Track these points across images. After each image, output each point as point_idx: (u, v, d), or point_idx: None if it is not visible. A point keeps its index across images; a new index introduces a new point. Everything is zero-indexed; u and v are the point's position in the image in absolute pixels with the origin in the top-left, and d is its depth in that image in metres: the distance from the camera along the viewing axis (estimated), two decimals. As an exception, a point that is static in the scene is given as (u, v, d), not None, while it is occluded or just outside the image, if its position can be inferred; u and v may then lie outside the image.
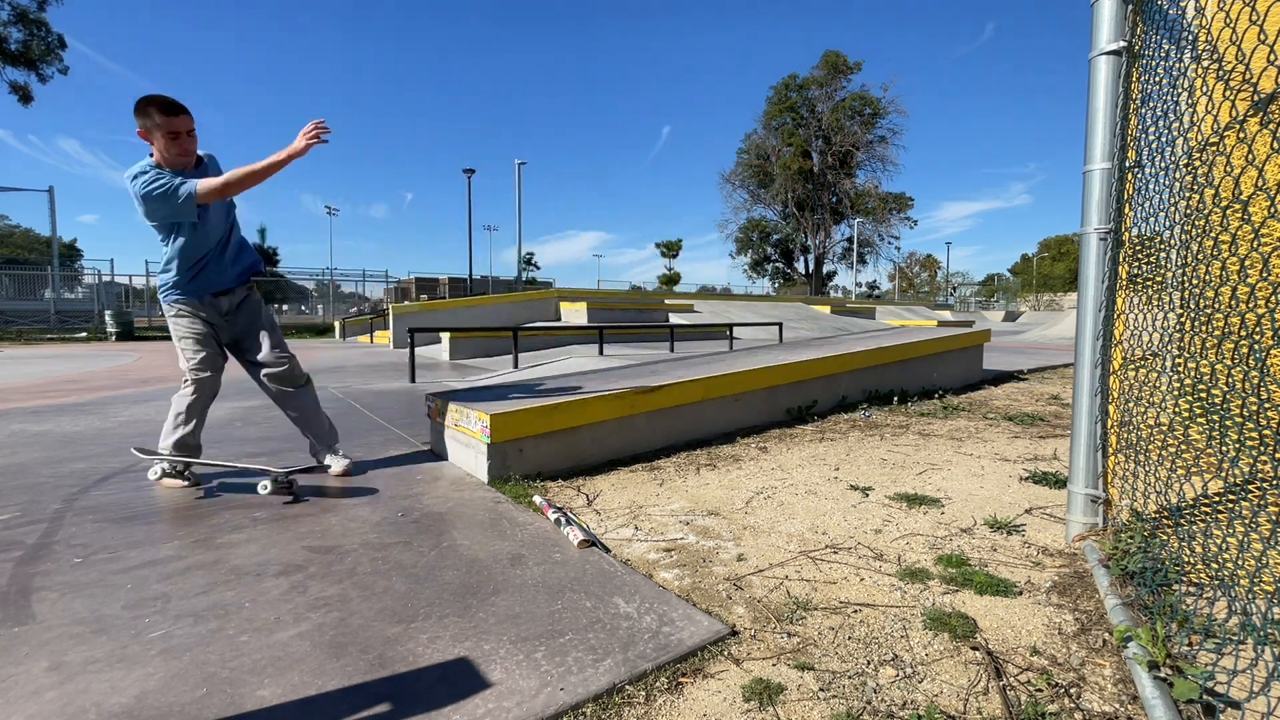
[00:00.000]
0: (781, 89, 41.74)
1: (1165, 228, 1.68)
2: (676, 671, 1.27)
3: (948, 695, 1.19)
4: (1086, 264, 1.87)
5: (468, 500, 2.35)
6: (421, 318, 11.06)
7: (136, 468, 2.79)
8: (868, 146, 40.67)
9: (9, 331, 15.97)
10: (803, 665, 1.29)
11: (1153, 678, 1.15)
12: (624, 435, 3.04)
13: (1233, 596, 1.30)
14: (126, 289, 21.84)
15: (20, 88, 20.76)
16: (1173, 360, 1.72)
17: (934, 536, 2.00)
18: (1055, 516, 2.18)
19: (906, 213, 42.42)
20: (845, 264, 44.62)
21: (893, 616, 1.49)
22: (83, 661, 1.28)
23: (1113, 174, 1.80)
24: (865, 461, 2.96)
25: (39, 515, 2.15)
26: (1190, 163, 1.54)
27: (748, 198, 43.91)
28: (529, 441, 2.68)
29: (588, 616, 1.47)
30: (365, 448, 3.20)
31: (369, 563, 1.78)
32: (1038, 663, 1.30)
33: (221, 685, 1.20)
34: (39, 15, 20.07)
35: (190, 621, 1.44)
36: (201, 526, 2.06)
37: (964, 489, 2.52)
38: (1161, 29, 1.67)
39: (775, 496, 2.43)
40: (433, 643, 1.35)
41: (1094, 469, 1.89)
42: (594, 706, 1.16)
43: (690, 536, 2.02)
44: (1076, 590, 1.61)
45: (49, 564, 1.76)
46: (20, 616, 1.46)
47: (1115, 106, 1.80)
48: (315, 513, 2.20)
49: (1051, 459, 3.01)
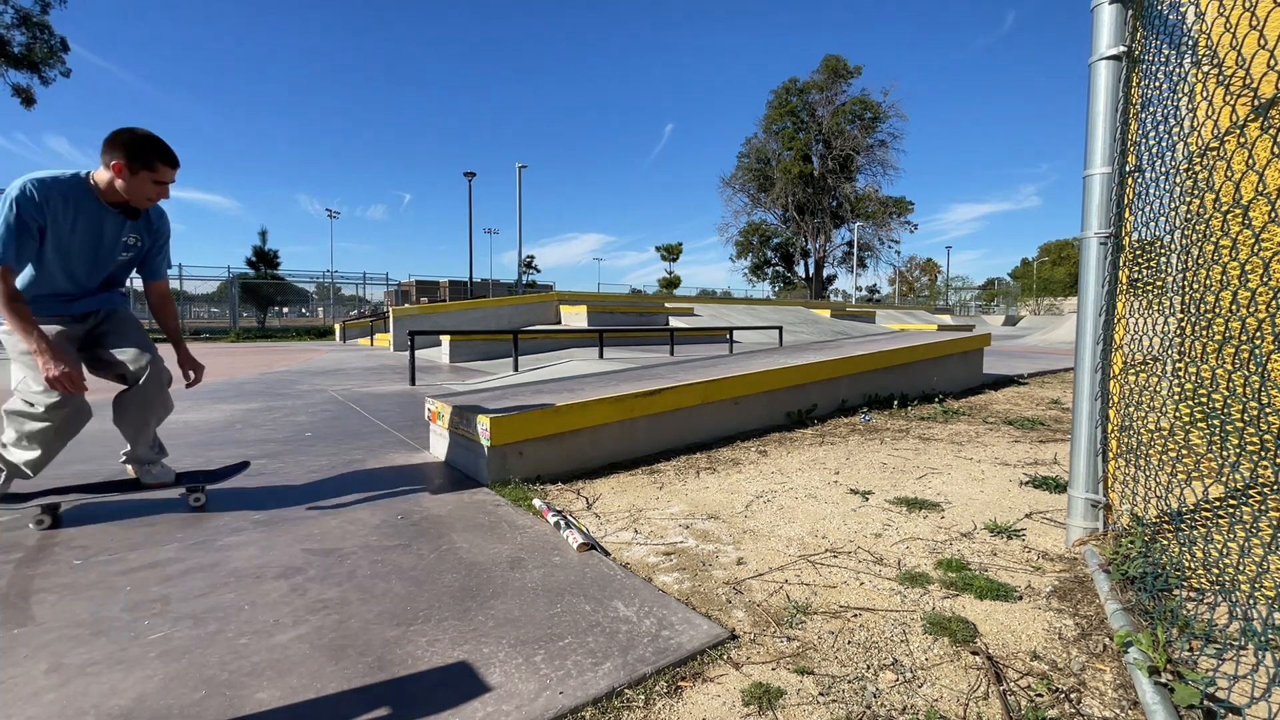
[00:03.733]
0: (782, 93, 41.85)
1: (1165, 232, 1.68)
2: (676, 675, 1.26)
3: (948, 700, 1.19)
4: (1087, 268, 1.87)
5: (467, 503, 2.35)
6: (421, 320, 11.07)
7: (136, 469, 2.78)
8: (868, 151, 40.74)
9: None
10: (802, 669, 1.28)
11: (1153, 683, 1.15)
12: (624, 438, 3.04)
13: (1234, 601, 1.30)
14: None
15: (23, 90, 20.81)
16: (1173, 365, 1.72)
17: (934, 541, 2.00)
18: (1055, 521, 2.18)
19: (906, 217, 42.47)
20: (845, 268, 44.67)
21: (893, 621, 1.49)
22: (82, 663, 1.28)
23: (1113, 178, 1.81)
24: (865, 466, 2.96)
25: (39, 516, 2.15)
26: (1190, 167, 1.55)
27: (748, 201, 43.99)
28: (529, 445, 2.68)
29: (587, 620, 1.47)
30: (365, 450, 3.20)
31: (368, 565, 1.78)
32: (1038, 668, 1.29)
33: (220, 687, 1.20)
34: (42, 18, 20.13)
35: (190, 624, 1.44)
36: (201, 529, 2.06)
37: (964, 493, 2.52)
38: (1161, 34, 1.68)
39: (775, 500, 2.43)
40: (432, 645, 1.35)
41: (1094, 473, 1.89)
42: (593, 710, 1.16)
43: (690, 540, 2.02)
44: (1077, 595, 1.60)
45: (49, 566, 1.76)
46: (20, 618, 1.46)
47: (1115, 111, 1.80)
48: (315, 515, 2.20)
49: (1052, 463, 3.01)
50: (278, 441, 3.40)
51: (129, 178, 2.01)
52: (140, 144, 2.01)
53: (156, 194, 2.10)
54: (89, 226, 2.05)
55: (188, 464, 2.87)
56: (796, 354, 4.90)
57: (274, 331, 19.86)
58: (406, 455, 3.11)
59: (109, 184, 2.02)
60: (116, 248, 2.16)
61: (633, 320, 12.45)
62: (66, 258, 2.06)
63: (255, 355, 10.66)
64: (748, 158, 43.19)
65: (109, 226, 2.09)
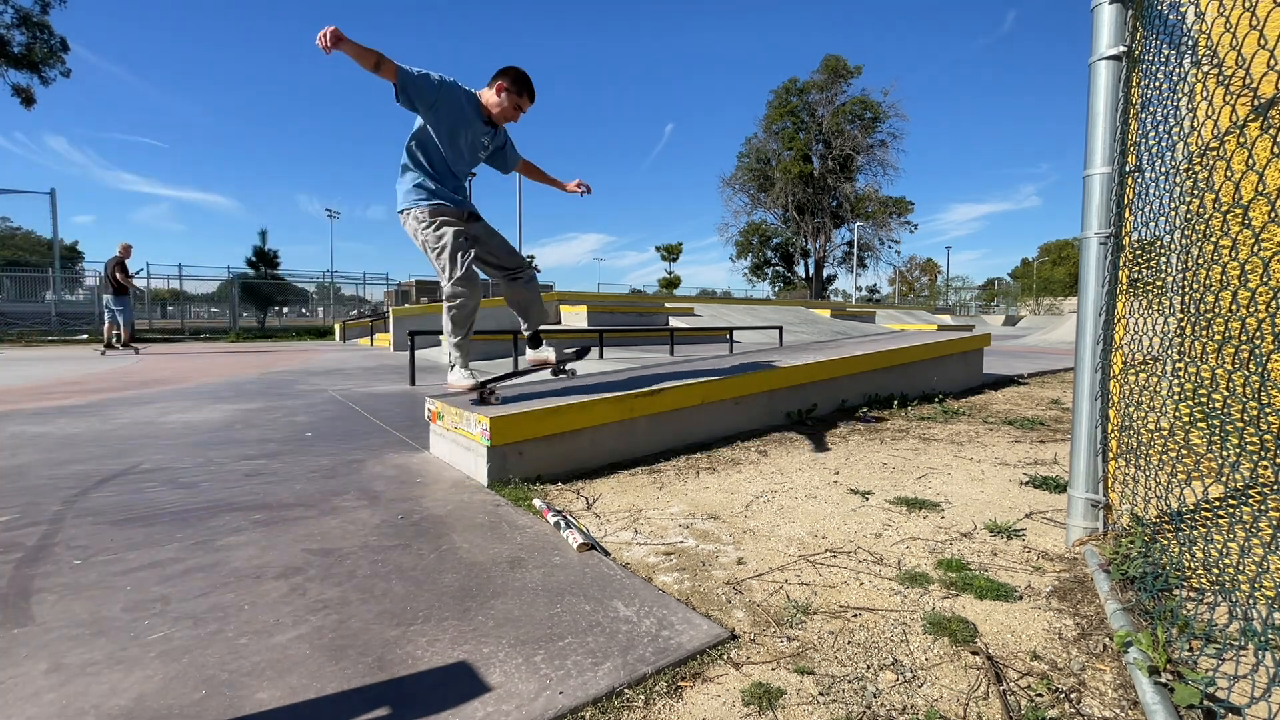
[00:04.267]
0: (782, 93, 41.87)
1: (1165, 232, 1.68)
2: (676, 675, 1.27)
3: (948, 700, 1.19)
4: (1087, 268, 1.87)
5: (467, 503, 2.35)
6: (421, 321, 11.05)
7: (137, 469, 2.79)
8: (868, 151, 40.77)
9: (10, 333, 15.97)
10: (802, 669, 1.28)
11: (1153, 683, 1.15)
12: (624, 438, 3.04)
13: (1234, 602, 1.30)
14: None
15: (23, 90, 20.80)
16: (1173, 365, 1.72)
17: (934, 541, 2.00)
18: (1055, 521, 2.18)
19: (906, 217, 42.49)
20: (845, 268, 44.71)
21: (892, 621, 1.49)
22: (82, 663, 1.28)
23: (1113, 178, 1.81)
24: (865, 465, 2.96)
25: (39, 517, 2.15)
26: (1190, 167, 1.55)
27: (748, 201, 44.02)
28: (529, 444, 2.68)
29: (587, 620, 1.47)
30: (365, 450, 3.20)
31: (368, 565, 1.78)
32: (1038, 667, 1.29)
33: (220, 687, 1.20)
34: (42, 18, 20.12)
35: (189, 624, 1.44)
36: (201, 529, 2.06)
37: (964, 493, 2.52)
38: (1161, 34, 1.68)
39: (775, 500, 2.43)
40: (432, 645, 1.35)
41: (1094, 473, 1.89)
42: (593, 710, 1.16)
43: (690, 540, 2.02)
44: (1077, 595, 1.60)
45: (49, 566, 1.76)
46: (20, 618, 1.46)
47: (1115, 111, 1.80)
48: (314, 515, 2.20)
49: (1052, 463, 3.01)
50: (278, 441, 3.40)
51: (502, 95, 2.83)
52: (517, 76, 2.84)
53: (510, 114, 2.90)
54: (465, 121, 2.83)
55: (187, 464, 2.88)
56: (796, 354, 4.90)
57: (274, 331, 19.84)
58: (406, 455, 3.11)
59: (493, 101, 2.84)
60: (477, 146, 2.94)
61: (633, 320, 12.44)
62: (453, 142, 2.83)
63: (255, 355, 10.66)
64: (748, 158, 43.21)
65: (477, 126, 2.88)
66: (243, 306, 22.11)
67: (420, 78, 2.64)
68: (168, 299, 24.06)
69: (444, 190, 2.86)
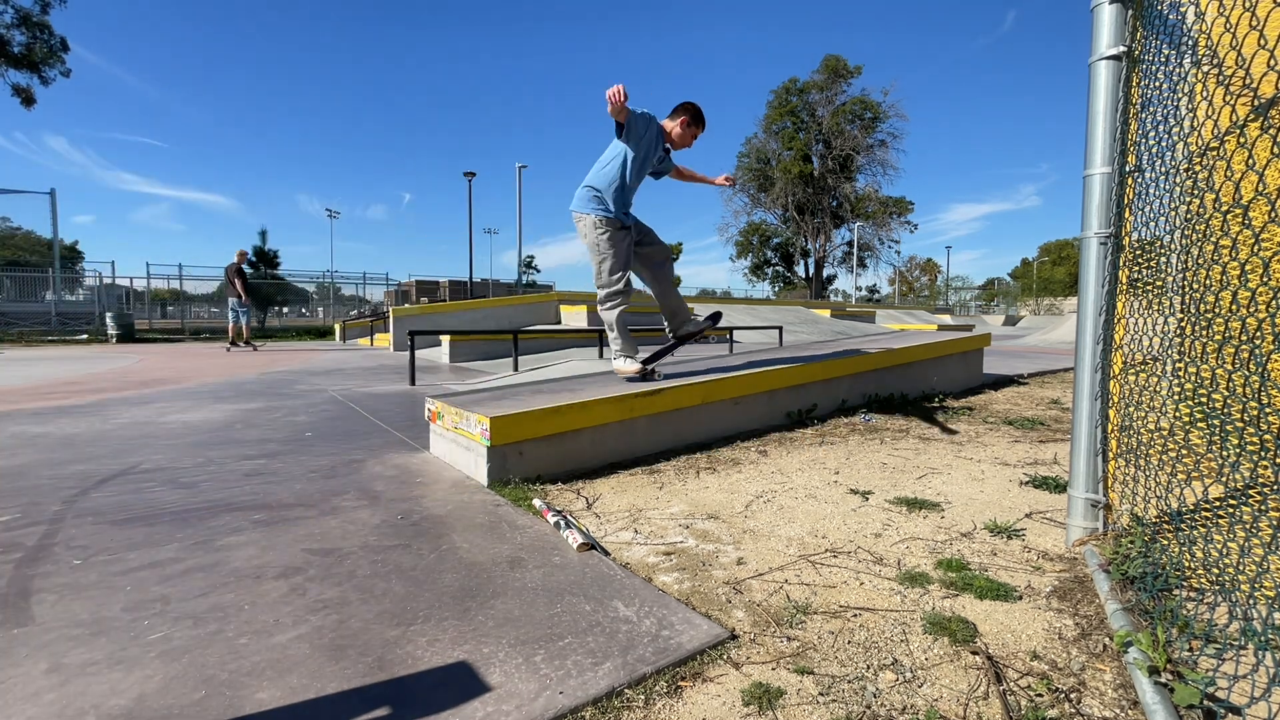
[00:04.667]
0: (782, 93, 41.83)
1: (1165, 232, 1.68)
2: (676, 675, 1.27)
3: (948, 700, 1.19)
4: (1087, 268, 1.87)
5: (467, 503, 2.35)
6: (422, 321, 11.06)
7: (137, 469, 2.79)
8: (868, 151, 40.72)
9: (10, 333, 15.97)
10: (802, 669, 1.28)
11: (1153, 683, 1.15)
12: (624, 438, 3.04)
13: (1234, 601, 1.30)
14: (127, 291, 21.83)
15: (23, 90, 20.80)
16: (1173, 365, 1.72)
17: (934, 541, 2.00)
18: (1055, 521, 2.18)
19: (906, 216, 42.46)
20: (845, 268, 44.67)
21: (892, 621, 1.49)
22: (82, 663, 1.28)
23: (1113, 178, 1.81)
24: (865, 465, 2.96)
25: (39, 517, 2.15)
26: (1190, 167, 1.55)
27: (748, 201, 43.98)
28: (529, 444, 2.68)
29: (587, 620, 1.47)
30: (365, 450, 3.20)
31: (368, 565, 1.78)
32: (1038, 667, 1.29)
33: (220, 687, 1.20)
34: (42, 18, 20.12)
35: (189, 624, 1.44)
36: (201, 529, 2.06)
37: (964, 493, 2.52)
38: (1161, 34, 1.68)
39: (775, 500, 2.43)
40: (432, 645, 1.35)
41: (1094, 473, 1.89)
42: (593, 710, 1.16)
43: (690, 540, 2.02)
44: (1077, 595, 1.60)
45: (49, 566, 1.76)
46: (20, 618, 1.46)
47: (1115, 111, 1.80)
48: (314, 515, 2.20)
49: (1052, 463, 3.01)
50: (278, 441, 3.40)
51: (678, 124, 3.40)
52: (693, 110, 3.41)
53: (685, 141, 3.46)
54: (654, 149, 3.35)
55: (187, 464, 2.88)
56: (796, 354, 4.90)
57: (274, 331, 19.83)
58: (406, 455, 3.11)
59: (674, 129, 3.41)
60: (650, 164, 3.41)
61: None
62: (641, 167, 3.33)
63: (255, 355, 10.66)
64: (748, 157, 43.17)
65: (659, 153, 3.40)
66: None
67: (640, 118, 3.21)
68: (168, 299, 24.08)
69: (621, 203, 3.35)
